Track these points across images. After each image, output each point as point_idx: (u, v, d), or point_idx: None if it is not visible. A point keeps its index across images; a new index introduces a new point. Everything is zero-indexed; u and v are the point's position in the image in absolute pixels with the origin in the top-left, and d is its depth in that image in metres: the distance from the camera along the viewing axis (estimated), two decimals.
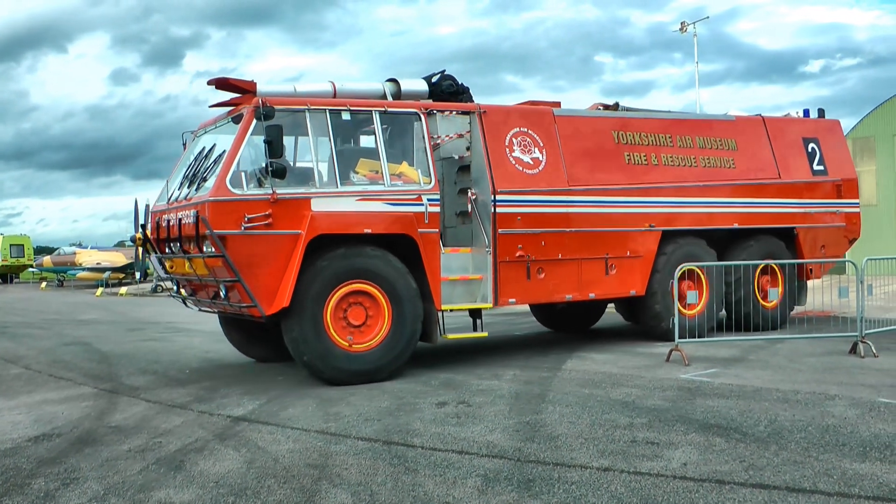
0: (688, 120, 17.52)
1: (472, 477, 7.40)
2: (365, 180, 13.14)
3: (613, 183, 15.60)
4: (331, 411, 10.43)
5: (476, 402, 10.71)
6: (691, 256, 16.21)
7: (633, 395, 10.95)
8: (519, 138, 14.59)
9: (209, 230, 11.78)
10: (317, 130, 13.17)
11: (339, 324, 12.53)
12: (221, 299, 12.79)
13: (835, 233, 18.97)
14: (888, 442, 8.27)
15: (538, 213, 14.51)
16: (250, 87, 12.92)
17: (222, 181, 12.06)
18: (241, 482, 7.42)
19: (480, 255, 13.99)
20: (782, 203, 17.99)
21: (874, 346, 14.01)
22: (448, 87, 14.59)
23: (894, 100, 34.20)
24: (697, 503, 6.56)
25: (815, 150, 18.81)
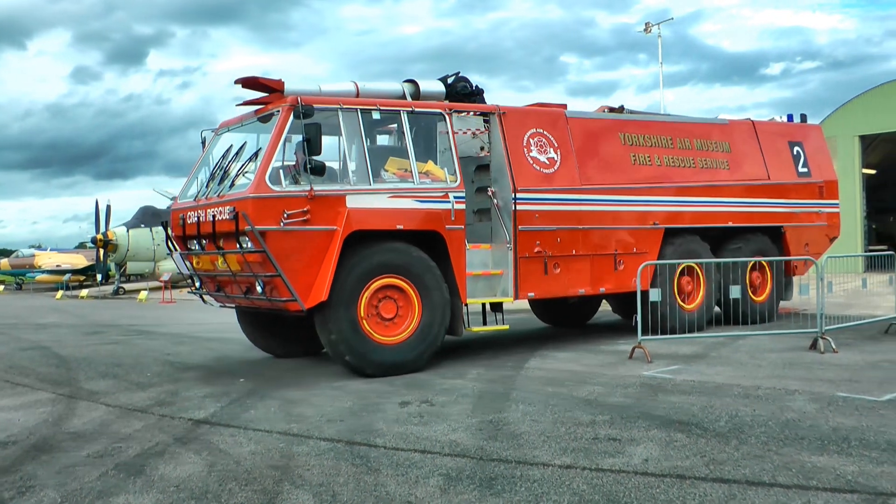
0: (686, 123, 18.31)
1: (434, 476, 7.39)
2: (395, 178, 13.63)
3: (621, 182, 16.31)
4: (293, 412, 10.39)
5: (439, 402, 10.71)
6: (691, 253, 17.03)
7: (595, 392, 10.98)
8: (535, 139, 15.19)
9: (250, 226, 12.08)
10: (349, 129, 13.53)
11: (372, 318, 12.99)
12: (258, 294, 12.93)
13: (817, 231, 19.89)
14: (846, 435, 8.35)
15: (554, 210, 15.16)
16: (278, 86, 13.23)
17: (262, 178, 12.38)
18: (202, 486, 7.37)
19: (501, 251, 14.63)
20: (771, 203, 18.91)
21: (834, 342, 14.14)
22: (462, 89, 15.12)
23: (855, 101, 34.57)
24: (658, 498, 6.58)
25: (800, 153, 19.77)
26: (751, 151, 18.89)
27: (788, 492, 6.65)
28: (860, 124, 33.22)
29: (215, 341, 18.81)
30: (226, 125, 14.72)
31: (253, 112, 13.86)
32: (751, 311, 17.83)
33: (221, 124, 14.87)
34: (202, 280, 14.71)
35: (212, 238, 13.24)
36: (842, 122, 32.09)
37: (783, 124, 20.42)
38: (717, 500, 6.52)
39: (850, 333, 15.77)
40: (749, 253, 18.22)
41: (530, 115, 15.58)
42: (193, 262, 14.40)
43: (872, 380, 11.42)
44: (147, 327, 23.42)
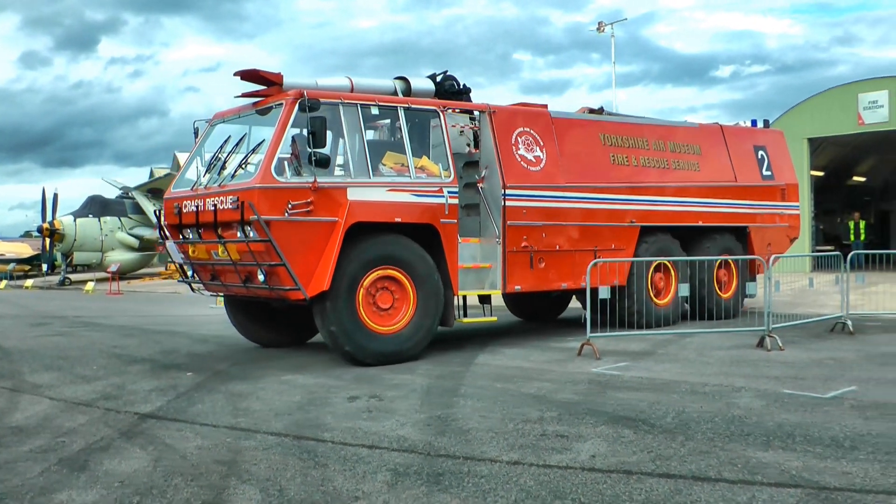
0: (660, 126, 19.07)
1: (381, 471, 7.38)
2: (392, 172, 14.01)
3: (601, 181, 16.84)
4: (240, 406, 10.33)
5: (388, 397, 10.69)
6: (664, 251, 17.73)
7: (544, 389, 11.01)
8: (523, 137, 15.68)
9: (256, 216, 12.33)
10: (350, 123, 13.80)
11: (370, 308, 13.38)
12: (259, 283, 13.19)
13: (779, 232, 20.77)
14: (791, 431, 8.44)
15: (541, 207, 15.64)
16: (278, 79, 13.57)
17: (267, 169, 12.69)
18: (147, 481, 7.29)
19: (490, 245, 15.04)
20: (738, 204, 19.68)
21: (780, 339, 14.29)
22: (450, 87, 15.59)
23: (803, 105, 34.97)
24: (605, 494, 6.61)
25: (764, 156, 20.64)
26: (719, 154, 19.61)
27: (733, 487, 6.71)
28: (808, 127, 33.62)
29: (163, 334, 18.67)
30: (221, 116, 15.00)
31: (251, 104, 14.15)
32: (717, 308, 18.44)
33: (216, 115, 15.16)
34: (195, 269, 14.96)
35: (212, 227, 13.39)
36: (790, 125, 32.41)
37: (749, 129, 21.27)
38: (663, 495, 6.56)
39: (796, 332, 15.92)
40: (717, 251, 18.77)
41: (518, 114, 16.08)
42: (189, 251, 14.50)
43: (817, 377, 11.55)
44: (93, 319, 23.20)
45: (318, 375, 12.50)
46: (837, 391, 10.51)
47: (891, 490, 6.59)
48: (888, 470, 7.12)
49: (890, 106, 32.80)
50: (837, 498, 6.44)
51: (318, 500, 6.68)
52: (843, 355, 13.54)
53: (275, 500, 6.71)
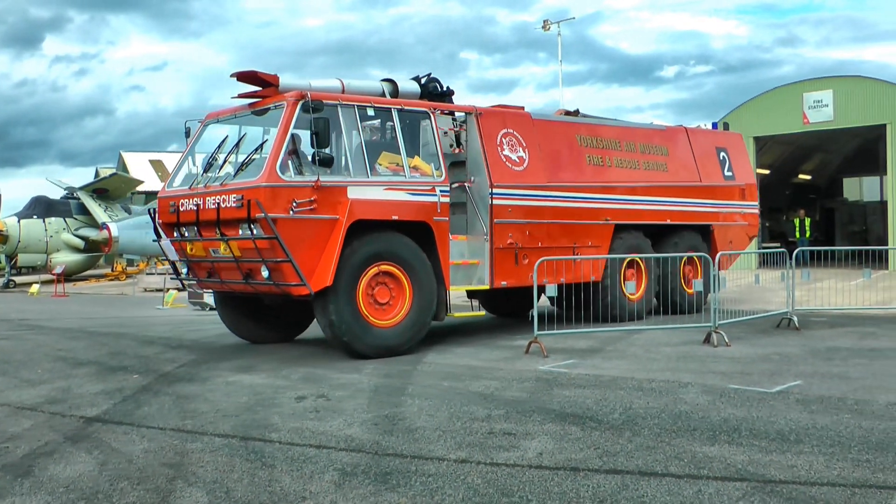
0: (630, 128, 19.80)
1: (329, 471, 7.35)
2: (388, 172, 14.44)
3: (579, 181, 17.52)
4: (187, 408, 10.25)
5: (335, 396, 10.65)
6: (635, 248, 18.41)
7: (491, 387, 11.02)
8: (507, 138, 16.30)
9: (264, 213, 12.71)
10: (348, 124, 14.30)
11: (369, 302, 13.84)
12: (262, 279, 13.52)
13: (740, 230, 21.69)
14: (737, 425, 8.51)
15: (524, 205, 16.25)
16: (274, 80, 13.98)
17: (273, 168, 13.05)
18: (93, 486, 7.19)
19: (477, 243, 15.62)
20: (703, 203, 20.47)
21: (726, 335, 14.40)
22: (434, 89, 16.12)
23: (749, 104, 35.33)
24: (552, 491, 6.62)
25: (725, 158, 21.49)
26: (685, 155, 20.37)
27: (680, 481, 6.75)
28: (755, 126, 33.98)
29: (109, 336, 18.49)
30: (214, 116, 15.34)
31: (247, 105, 14.55)
32: (681, 302, 19.12)
33: (209, 115, 15.49)
34: (191, 267, 15.22)
35: (214, 225, 13.68)
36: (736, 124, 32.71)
37: (711, 131, 22.13)
38: (610, 491, 6.58)
39: (742, 328, 16.06)
40: (684, 248, 19.36)
41: (502, 115, 16.66)
42: (187, 249, 14.79)
43: (763, 372, 11.66)
44: (39, 322, 22.92)
45: (266, 376, 12.44)
46: (783, 386, 10.61)
47: (835, 482, 6.66)
48: (832, 462, 7.19)
49: (834, 105, 33.26)
50: (783, 490, 6.49)
51: (265, 501, 6.64)
52: (789, 350, 13.68)
53: (221, 502, 6.66)
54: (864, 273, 19.48)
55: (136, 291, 35.55)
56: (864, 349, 13.83)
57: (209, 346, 15.93)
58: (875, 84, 32.94)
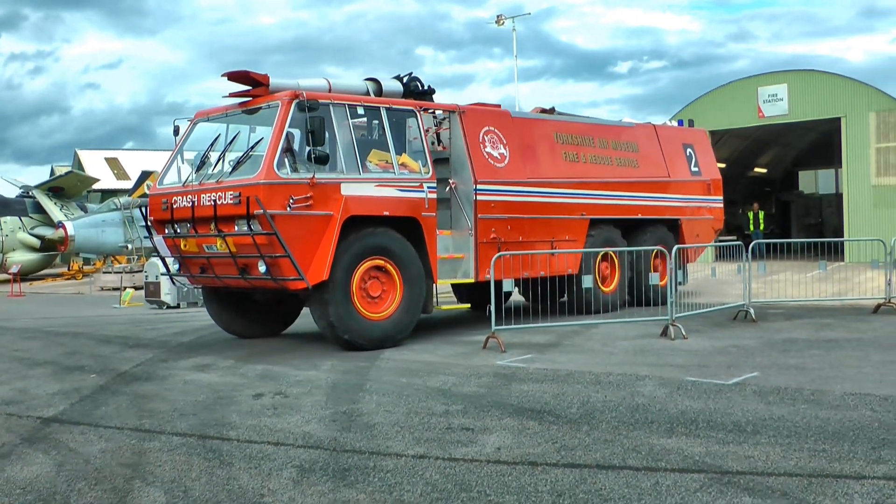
0: (603, 125, 20.47)
1: (287, 468, 7.33)
2: (378, 169, 14.84)
3: (557, 177, 18.00)
4: (145, 407, 10.18)
5: (293, 393, 10.63)
6: (608, 241, 18.89)
7: (449, 382, 11.03)
8: (489, 136, 16.73)
9: (263, 210, 13.00)
10: (340, 122, 14.46)
11: (362, 295, 14.21)
12: (259, 274, 13.79)
13: (706, 224, 22.32)
14: (694, 417, 8.57)
15: (506, 201, 16.69)
16: (265, 80, 14.34)
17: (270, 166, 13.40)
18: (50, 487, 7.13)
19: (462, 238, 16.05)
20: (672, 198, 21.10)
21: (684, 328, 14.48)
22: (415, 88, 16.48)
23: (704, 99, 35.48)
24: (511, 486, 6.63)
25: (692, 154, 22.14)
26: (654, 152, 20.94)
27: (638, 474, 6.78)
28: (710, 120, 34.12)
29: (66, 336, 18.31)
30: (204, 115, 15.67)
31: (237, 104, 14.90)
32: (653, 295, 19.19)
33: (198, 114, 15.82)
34: (184, 263, 15.43)
35: (211, 221, 13.96)
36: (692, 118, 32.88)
37: (678, 128, 22.85)
38: (568, 484, 6.59)
39: (699, 320, 16.16)
40: (654, 242, 19.52)
41: (484, 114, 17.16)
42: (181, 245, 14.97)
43: (720, 364, 11.73)
44: None
45: (224, 374, 12.39)
46: (740, 377, 10.69)
47: (791, 472, 6.72)
48: (789, 452, 7.25)
49: (789, 99, 33.49)
50: (740, 481, 6.54)
51: (223, 500, 6.61)
52: (746, 342, 13.78)
53: (179, 501, 6.62)
54: (820, 265, 19.68)
55: (93, 290, 35.24)
56: (820, 340, 13.95)
57: (166, 345, 15.83)
58: (829, 78, 33.21)
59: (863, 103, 32.01)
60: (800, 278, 21.24)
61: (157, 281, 25.62)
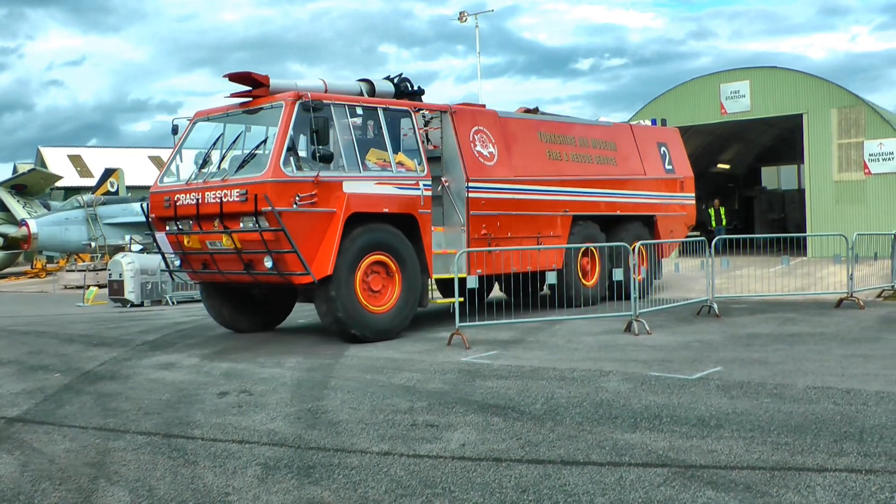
0: (583, 124, 21.11)
1: (252, 466, 7.31)
2: (376, 167, 15.32)
3: (541, 175, 18.55)
4: (109, 406, 10.12)
5: (258, 391, 10.61)
6: (590, 237, 19.50)
7: (414, 379, 11.05)
8: (479, 135, 17.25)
9: (271, 207, 13.42)
10: (340, 122, 14.90)
11: (364, 289, 14.68)
12: (265, 269, 14.23)
13: (679, 220, 22.95)
14: (658, 412, 8.62)
15: (496, 198, 17.23)
16: (265, 80, 14.76)
17: (276, 164, 13.81)
18: (13, 487, 7.08)
19: (454, 234, 16.56)
20: (647, 195, 21.74)
21: (648, 324, 14.56)
22: (405, 89, 16.95)
23: (667, 94, 35.63)
24: (475, 482, 6.64)
25: (666, 152, 22.80)
26: (631, 151, 21.55)
27: (602, 469, 6.81)
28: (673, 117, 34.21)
29: (30, 335, 18.19)
30: (204, 115, 16.02)
31: (238, 104, 15.30)
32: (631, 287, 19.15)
33: (197, 114, 16.19)
34: (186, 259, 15.74)
35: (217, 218, 14.33)
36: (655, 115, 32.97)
37: (652, 127, 23.65)
38: (533, 480, 6.62)
39: (663, 316, 16.27)
40: (631, 237, 19.70)
41: (473, 114, 17.68)
42: (184, 242, 15.33)
43: (684, 359, 11.80)
44: None
45: (188, 372, 12.34)
46: (703, 372, 10.76)
47: (754, 465, 6.77)
48: (752, 446, 7.31)
49: (751, 96, 33.68)
50: (703, 475, 6.58)
51: (188, 498, 6.58)
52: (710, 337, 13.87)
53: (144, 500, 6.59)
54: (783, 260, 19.86)
55: (57, 289, 35.00)
56: (783, 335, 14.06)
57: (131, 344, 15.74)
58: (791, 75, 33.42)
59: (824, 100, 32.24)
60: (763, 273, 21.39)
61: (120, 279, 25.49)
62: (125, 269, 25.43)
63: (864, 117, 31.51)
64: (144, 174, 58.31)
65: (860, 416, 8.30)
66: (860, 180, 31.64)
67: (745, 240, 21.39)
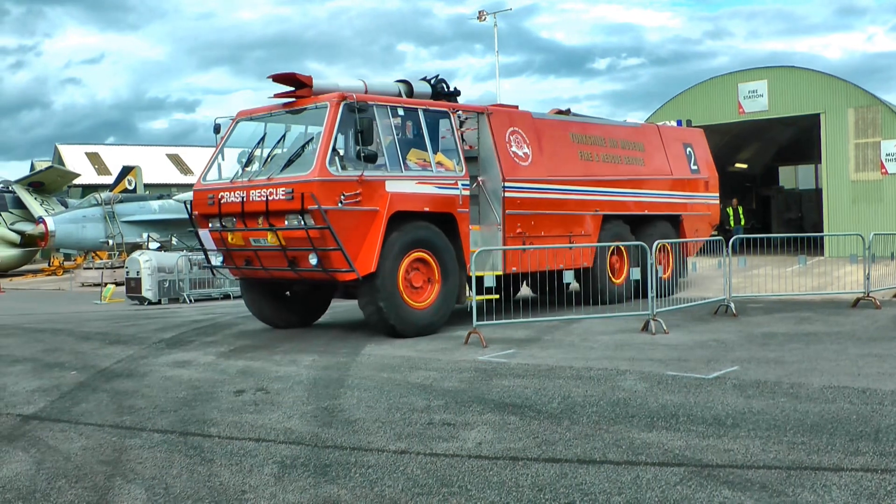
0: (612, 125, 21.43)
1: (268, 464, 7.33)
2: (417, 167, 15.68)
3: (573, 175, 18.88)
4: (125, 404, 10.15)
5: (274, 389, 10.63)
6: (619, 236, 19.76)
7: (430, 377, 11.05)
8: (514, 136, 17.60)
9: (318, 205, 13.76)
10: (383, 123, 15.30)
11: (406, 285, 15.04)
12: (310, 266, 14.50)
13: (704, 220, 23.21)
14: (674, 412, 8.60)
15: (531, 198, 17.57)
16: (309, 81, 15.12)
17: (323, 163, 14.14)
18: (29, 485, 7.10)
19: (489, 232, 16.93)
20: (674, 195, 22.04)
21: (665, 323, 14.52)
22: (441, 90, 17.32)
23: (685, 94, 35.53)
24: (492, 480, 6.64)
25: (691, 153, 23.11)
26: (657, 151, 21.85)
27: (618, 468, 6.80)
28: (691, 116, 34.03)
29: (46, 332, 18.25)
30: (246, 114, 16.50)
31: (281, 105, 15.68)
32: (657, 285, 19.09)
33: (239, 113, 16.62)
34: (229, 255, 15.97)
35: (261, 215, 14.72)
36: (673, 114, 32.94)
37: (678, 128, 24.12)
38: (549, 479, 6.61)
39: (680, 315, 16.23)
40: (658, 236, 19.75)
41: (509, 115, 18.01)
42: (228, 238, 15.57)
43: (700, 358, 11.77)
44: None
45: (204, 370, 12.37)
46: (720, 371, 10.73)
47: (770, 465, 6.75)
48: (768, 445, 7.29)
49: (769, 95, 33.54)
50: (719, 474, 6.57)
51: (204, 496, 6.60)
52: (726, 337, 13.83)
53: (160, 498, 6.61)
54: (800, 259, 19.80)
55: (73, 286, 35.11)
56: (799, 334, 14.01)
57: (147, 342, 15.79)
58: (808, 74, 33.29)
59: (842, 100, 32.09)
60: (780, 273, 21.32)
61: (137, 277, 25.60)
62: (142, 266, 25.54)
63: (881, 117, 31.37)
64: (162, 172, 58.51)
65: (876, 416, 8.28)
66: (877, 180, 31.49)
67: (762, 239, 21.48)
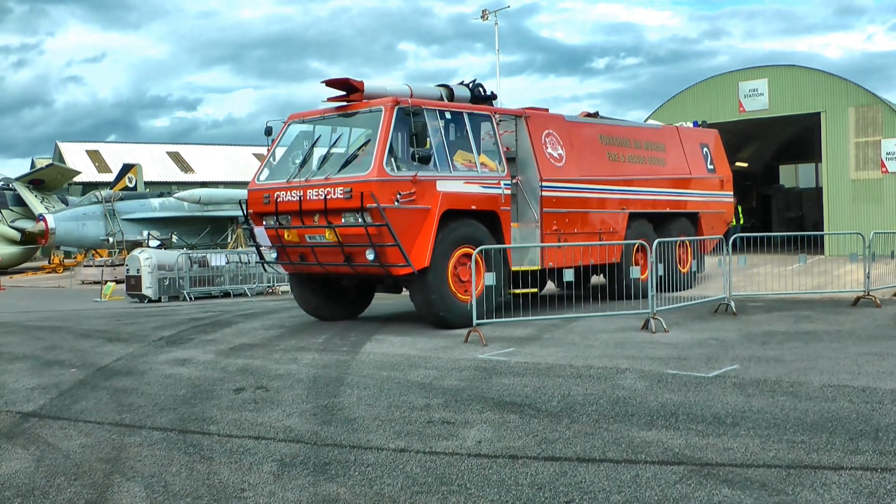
0: (635, 127, 22.48)
1: (268, 462, 7.33)
2: (463, 168, 16.49)
3: (603, 175, 19.70)
4: (125, 402, 10.15)
5: (274, 387, 10.62)
6: (643, 234, 20.12)
7: (430, 376, 11.05)
8: (549, 138, 18.45)
9: (376, 204, 14.55)
10: (432, 126, 15.94)
11: (455, 280, 15.86)
12: (366, 261, 15.32)
13: (719, 217, 24.12)
14: (674, 410, 8.59)
15: (565, 196, 18.42)
16: (360, 86, 16.01)
17: (380, 164, 14.91)
18: (28, 482, 7.10)
19: (527, 229, 17.78)
20: (693, 193, 22.92)
21: (665, 321, 14.51)
22: (478, 94, 18.12)
23: (686, 93, 35.55)
24: (491, 479, 6.64)
25: (707, 153, 24.06)
26: (677, 151, 22.76)
27: (618, 466, 6.80)
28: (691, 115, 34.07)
29: (45, 330, 18.26)
30: (298, 117, 17.23)
31: (335, 108, 16.47)
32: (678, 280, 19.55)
33: (291, 116, 17.38)
34: (283, 251, 16.76)
35: (318, 213, 15.49)
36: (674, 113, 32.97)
37: (695, 129, 24.90)
38: (549, 477, 6.61)
39: (680, 314, 16.23)
40: (678, 234, 21.19)
41: (544, 118, 18.81)
42: (285, 235, 16.33)
43: (700, 357, 11.77)
44: None
45: (204, 368, 12.36)
46: (720, 370, 10.73)
47: (770, 463, 6.75)
48: (768, 444, 7.29)
49: (769, 94, 33.58)
50: (719, 473, 6.57)
51: (203, 494, 6.60)
52: (726, 335, 13.83)
53: (159, 495, 6.61)
54: (800, 258, 19.77)
55: (74, 284, 35.12)
56: (799, 332, 14.01)
57: (147, 339, 15.79)
58: (809, 73, 33.30)
59: (842, 99, 32.13)
60: (780, 271, 21.33)
61: (138, 275, 25.60)
62: (143, 264, 25.54)
63: (882, 116, 31.40)
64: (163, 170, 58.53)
65: (876, 415, 8.28)
66: (877, 179, 31.55)
67: (763, 238, 21.46)
